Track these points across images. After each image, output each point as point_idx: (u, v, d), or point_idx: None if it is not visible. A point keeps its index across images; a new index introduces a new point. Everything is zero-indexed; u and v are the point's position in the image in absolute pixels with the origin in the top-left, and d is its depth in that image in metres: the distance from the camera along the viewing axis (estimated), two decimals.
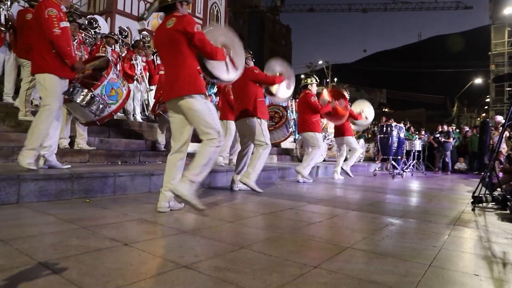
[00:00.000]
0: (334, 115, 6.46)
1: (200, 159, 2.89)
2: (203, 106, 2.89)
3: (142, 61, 7.80)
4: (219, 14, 26.01)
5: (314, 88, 6.35)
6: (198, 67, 2.97)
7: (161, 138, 6.48)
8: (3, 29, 5.33)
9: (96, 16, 9.70)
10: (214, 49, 2.92)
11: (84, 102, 3.93)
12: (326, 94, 6.55)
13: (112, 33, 7.58)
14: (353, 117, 7.29)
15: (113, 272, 1.53)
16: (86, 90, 3.93)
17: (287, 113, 8.04)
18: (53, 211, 2.72)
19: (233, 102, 5.87)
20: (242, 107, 4.56)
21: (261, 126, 4.50)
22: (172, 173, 3.00)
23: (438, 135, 12.26)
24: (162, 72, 7.15)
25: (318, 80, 6.56)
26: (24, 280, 1.39)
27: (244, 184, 4.50)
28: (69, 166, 3.84)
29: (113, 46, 7.49)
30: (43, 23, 3.50)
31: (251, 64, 4.63)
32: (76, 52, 3.92)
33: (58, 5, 3.62)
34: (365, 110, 7.74)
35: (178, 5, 3.01)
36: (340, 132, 7.36)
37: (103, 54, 6.71)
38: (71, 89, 3.84)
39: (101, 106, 4.10)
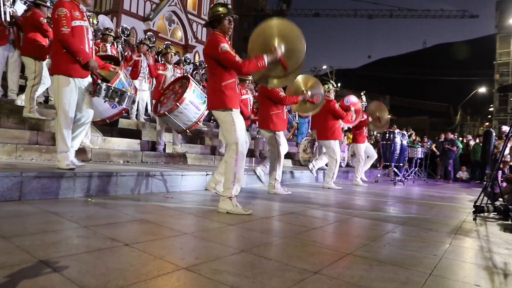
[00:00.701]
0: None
1: (227, 176, 3.22)
2: (227, 119, 3.21)
3: (148, 63, 7.81)
4: None
5: (332, 94, 6.33)
6: (224, 83, 3.18)
7: (161, 140, 6.48)
8: (8, 26, 5.35)
9: (102, 16, 9.74)
10: (238, 65, 3.11)
11: (107, 97, 3.89)
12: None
13: (109, 30, 7.57)
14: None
15: (114, 272, 1.53)
16: (111, 86, 3.88)
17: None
18: (55, 209, 2.73)
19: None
20: (260, 117, 5.04)
21: (276, 138, 4.90)
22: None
23: (444, 142, 12.19)
24: (160, 72, 7.18)
25: (335, 85, 6.51)
26: (25, 277, 1.39)
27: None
28: (84, 164, 3.89)
29: (114, 43, 7.52)
30: (53, 24, 3.55)
31: None
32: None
33: (75, 4, 3.64)
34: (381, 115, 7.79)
35: (215, 23, 3.27)
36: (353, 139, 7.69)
37: (105, 53, 6.73)
38: (98, 89, 3.79)
39: (125, 95, 4.09)
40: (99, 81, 3.82)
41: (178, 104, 5.25)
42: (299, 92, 5.04)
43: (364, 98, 8.12)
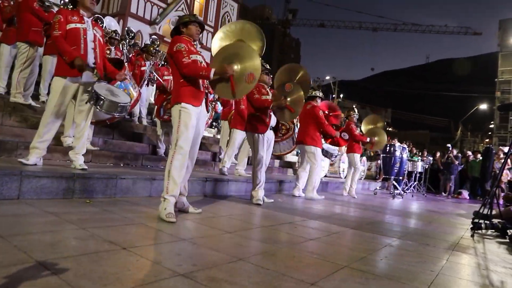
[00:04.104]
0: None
1: (164, 176, 3.02)
2: (174, 115, 3.07)
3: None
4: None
5: (319, 101, 6.29)
6: (182, 80, 3.09)
7: (160, 144, 6.48)
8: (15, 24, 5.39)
9: (108, 17, 9.78)
10: (182, 64, 3.03)
11: (104, 108, 3.80)
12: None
13: (115, 33, 7.60)
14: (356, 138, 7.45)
15: (110, 276, 1.53)
16: (103, 97, 3.77)
17: (294, 126, 8.07)
18: (53, 209, 2.73)
19: (242, 111, 6.01)
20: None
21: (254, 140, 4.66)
22: None
23: (447, 157, 12.17)
24: (166, 78, 7.16)
25: (322, 95, 6.46)
26: (22, 278, 1.39)
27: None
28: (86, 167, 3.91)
29: (120, 46, 7.55)
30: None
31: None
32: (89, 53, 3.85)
33: (75, 11, 3.83)
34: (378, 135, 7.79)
35: (181, 27, 3.28)
36: (350, 148, 7.62)
37: (117, 57, 6.75)
38: (92, 97, 3.73)
39: (120, 108, 4.01)
40: (93, 85, 3.76)
41: None
42: (280, 96, 4.67)
43: (356, 110, 8.10)
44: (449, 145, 12.95)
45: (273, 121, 4.81)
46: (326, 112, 6.81)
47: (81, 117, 3.90)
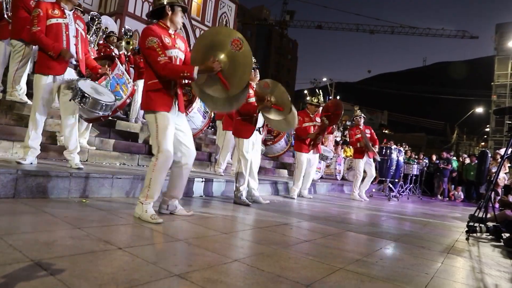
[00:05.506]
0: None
1: (145, 180, 2.92)
2: (151, 121, 2.86)
3: None
4: (228, 25, 26.25)
5: (311, 109, 6.26)
6: (150, 82, 2.85)
7: None
8: (9, 19, 5.30)
9: (105, 16, 9.76)
10: (158, 66, 2.76)
11: (88, 106, 3.72)
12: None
13: (113, 32, 7.57)
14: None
15: (106, 276, 1.53)
16: (88, 95, 3.67)
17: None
18: (49, 209, 2.72)
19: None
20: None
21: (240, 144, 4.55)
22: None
23: (439, 161, 12.32)
24: None
25: (320, 102, 6.34)
26: (17, 278, 1.39)
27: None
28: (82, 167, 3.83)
29: (120, 46, 7.53)
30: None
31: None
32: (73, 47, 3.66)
33: (55, 4, 3.66)
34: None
35: (167, 9, 2.90)
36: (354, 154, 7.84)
37: (112, 54, 6.73)
38: (76, 95, 3.62)
39: (104, 106, 3.96)
40: (77, 83, 3.64)
41: (187, 112, 5.24)
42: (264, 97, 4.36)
43: (359, 112, 8.11)
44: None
45: (259, 122, 4.68)
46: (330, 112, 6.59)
47: (67, 116, 3.78)
